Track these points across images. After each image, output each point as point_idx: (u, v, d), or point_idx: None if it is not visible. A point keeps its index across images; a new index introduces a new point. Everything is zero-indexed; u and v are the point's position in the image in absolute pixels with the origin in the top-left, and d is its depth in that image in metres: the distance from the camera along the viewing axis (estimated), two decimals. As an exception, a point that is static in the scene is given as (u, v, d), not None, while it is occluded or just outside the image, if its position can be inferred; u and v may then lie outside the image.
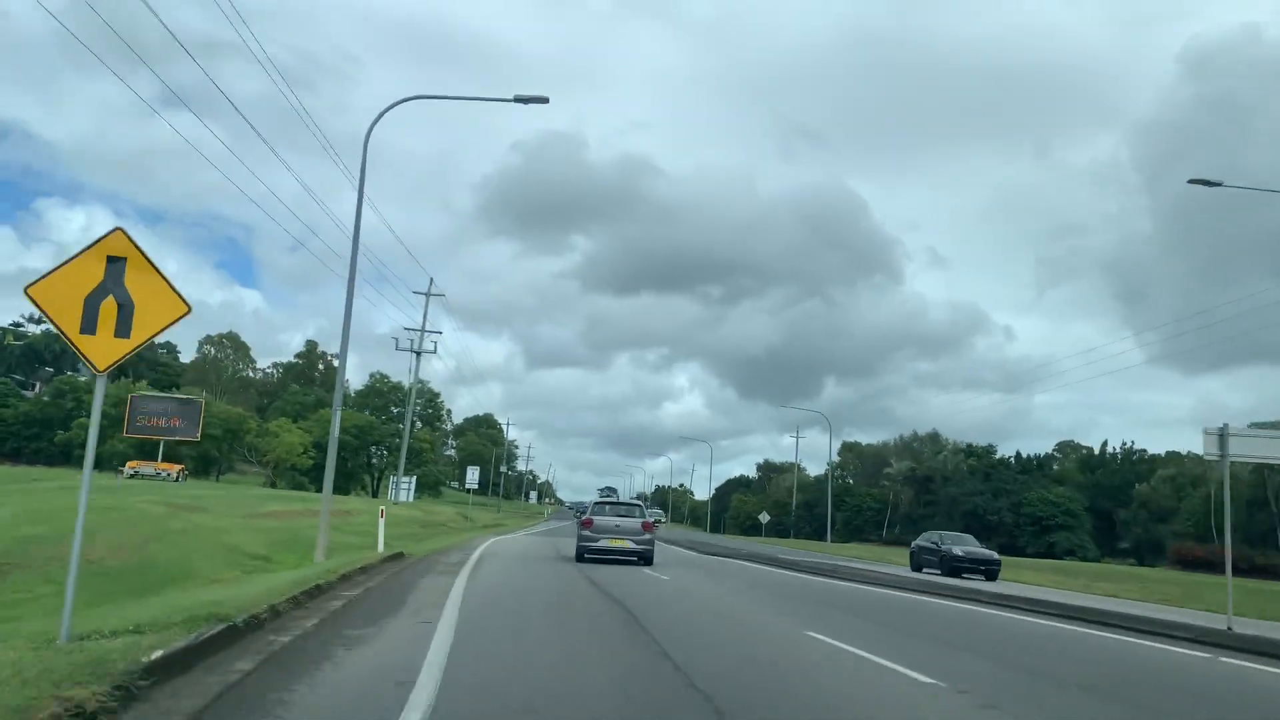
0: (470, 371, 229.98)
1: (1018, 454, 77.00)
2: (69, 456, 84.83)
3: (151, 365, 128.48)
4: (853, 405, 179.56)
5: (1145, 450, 76.70)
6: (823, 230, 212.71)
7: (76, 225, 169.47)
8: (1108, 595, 23.23)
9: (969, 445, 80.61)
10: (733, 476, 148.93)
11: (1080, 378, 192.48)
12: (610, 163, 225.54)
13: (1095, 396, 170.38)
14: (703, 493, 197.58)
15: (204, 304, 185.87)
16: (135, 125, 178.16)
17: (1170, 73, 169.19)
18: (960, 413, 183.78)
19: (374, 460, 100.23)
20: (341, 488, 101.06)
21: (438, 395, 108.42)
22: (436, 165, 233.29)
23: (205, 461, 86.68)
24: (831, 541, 59.72)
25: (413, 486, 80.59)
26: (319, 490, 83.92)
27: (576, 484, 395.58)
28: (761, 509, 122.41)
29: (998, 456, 78.20)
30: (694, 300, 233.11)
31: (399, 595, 11.75)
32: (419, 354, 54.17)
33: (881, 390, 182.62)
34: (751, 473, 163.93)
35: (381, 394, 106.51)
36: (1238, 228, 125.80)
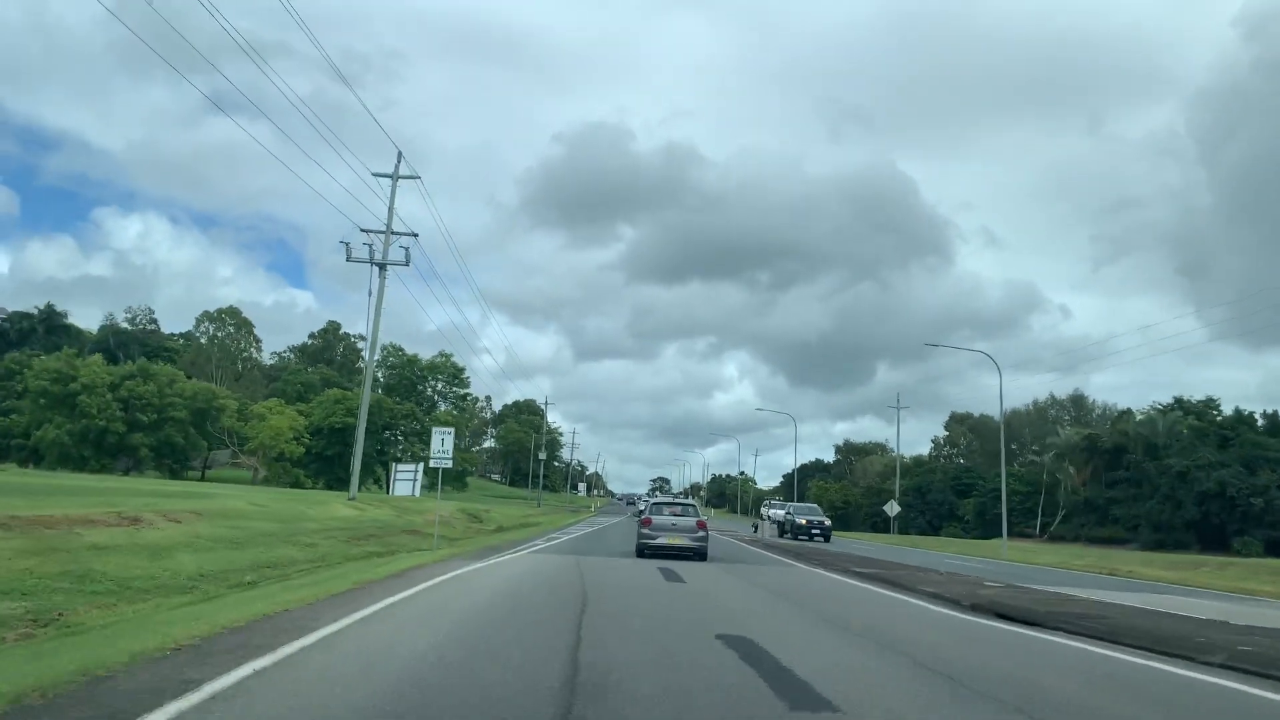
0: (515, 367, 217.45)
1: (1237, 410, 54.33)
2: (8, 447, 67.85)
3: (151, 349, 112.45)
4: (907, 389, 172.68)
5: None
6: (872, 212, 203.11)
7: (133, 232, 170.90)
8: None
9: (1178, 399, 58.72)
10: (808, 460, 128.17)
11: (1139, 355, 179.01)
12: (654, 151, 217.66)
13: (1155, 374, 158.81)
14: (762, 481, 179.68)
15: (256, 305, 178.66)
16: (187, 131, 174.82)
17: (1227, 37, 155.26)
18: (1014, 393, 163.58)
19: (387, 448, 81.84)
20: (344, 479, 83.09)
21: (463, 370, 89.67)
22: (479, 159, 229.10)
23: (171, 451, 69.01)
24: (1006, 538, 39.27)
25: (418, 476, 61.99)
26: (326, 484, 64.70)
27: (628, 476, 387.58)
28: (845, 496, 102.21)
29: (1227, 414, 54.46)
30: (742, 287, 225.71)
31: None
32: (383, 266, 35.11)
33: (935, 374, 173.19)
34: (828, 456, 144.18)
35: (396, 369, 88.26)
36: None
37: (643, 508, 40.81)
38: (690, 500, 32.99)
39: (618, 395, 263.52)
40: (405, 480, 61.58)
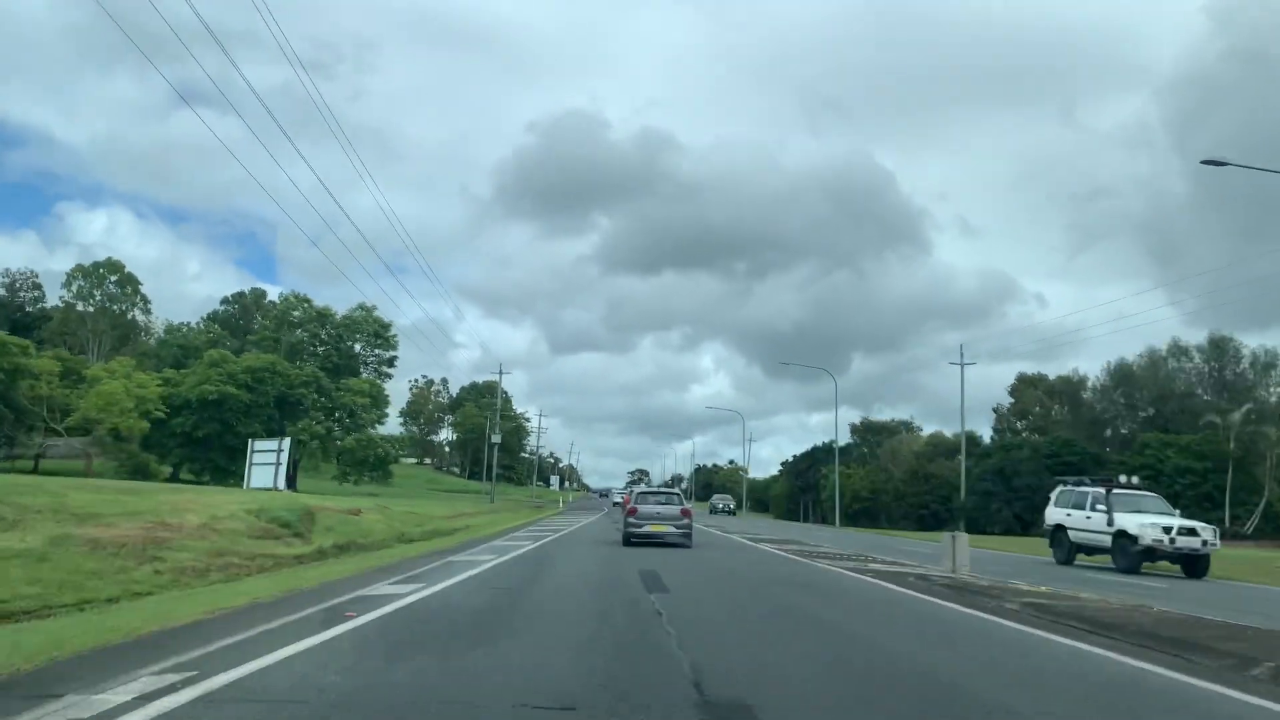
0: (491, 362, 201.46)
1: None
2: None
3: (30, 319, 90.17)
4: (881, 379, 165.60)
5: None
6: (848, 202, 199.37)
7: (99, 227, 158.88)
8: None
9: None
10: (818, 444, 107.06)
11: (1112, 341, 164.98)
12: (629, 142, 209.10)
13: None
14: (755, 470, 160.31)
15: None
16: (154, 124, 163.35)
17: (1197, 26, 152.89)
18: (991, 382, 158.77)
19: (284, 424, 59.89)
20: (225, 469, 61.32)
21: (388, 328, 67.62)
22: (450, 150, 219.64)
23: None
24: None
25: (282, 458, 40.64)
26: (210, 476, 41.24)
27: (605, 470, 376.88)
28: (872, 485, 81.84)
29: None
30: (718, 278, 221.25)
31: None
32: None
33: (910, 364, 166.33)
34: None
35: (301, 325, 66.21)
36: (1277, 181, 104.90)
37: (617, 500, 41.76)
38: (675, 490, 33.07)
39: (594, 389, 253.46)
40: (265, 464, 40.23)
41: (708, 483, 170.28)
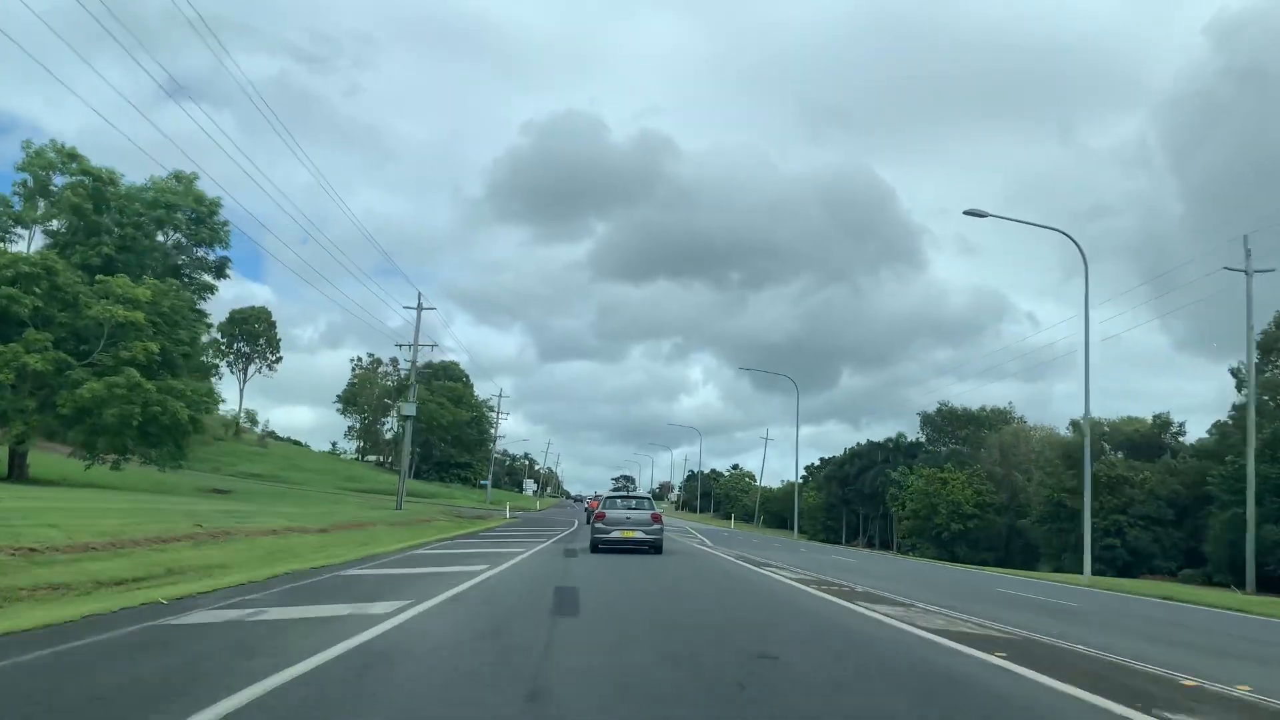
0: (477, 368, 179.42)
1: None
2: None
3: None
4: (870, 394, 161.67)
5: None
6: (843, 214, 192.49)
7: None
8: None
9: None
10: (865, 442, 78.69)
11: (1103, 363, 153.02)
12: (626, 146, 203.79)
13: (1117, 382, 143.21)
14: (768, 478, 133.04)
15: (212, 299, 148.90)
16: (142, 117, 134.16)
17: (1197, 45, 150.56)
18: (976, 401, 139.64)
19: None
20: None
21: (215, 210, 38.23)
22: (444, 151, 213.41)
23: None
24: None
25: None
26: None
27: (590, 478, 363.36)
28: (977, 495, 55.10)
29: None
30: (711, 287, 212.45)
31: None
32: None
33: (899, 379, 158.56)
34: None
35: (95, 228, 36.89)
36: (1275, 204, 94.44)
37: (588, 507, 43.45)
38: (645, 494, 32.13)
39: (582, 396, 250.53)
40: None
41: (705, 492, 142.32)
